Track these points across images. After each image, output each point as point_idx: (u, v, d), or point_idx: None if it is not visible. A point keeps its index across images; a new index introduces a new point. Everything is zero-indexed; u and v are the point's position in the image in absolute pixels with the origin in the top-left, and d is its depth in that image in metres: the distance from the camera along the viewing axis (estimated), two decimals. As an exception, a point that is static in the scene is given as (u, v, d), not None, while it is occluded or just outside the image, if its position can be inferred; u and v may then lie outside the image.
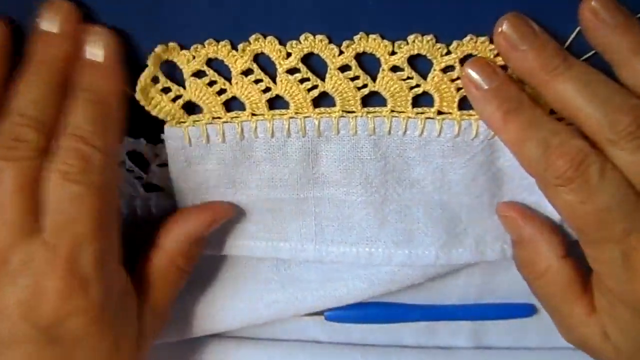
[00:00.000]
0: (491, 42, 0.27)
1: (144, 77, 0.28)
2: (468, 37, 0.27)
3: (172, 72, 0.29)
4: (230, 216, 0.32)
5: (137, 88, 0.28)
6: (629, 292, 0.25)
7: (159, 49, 0.28)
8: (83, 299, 0.25)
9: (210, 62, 0.28)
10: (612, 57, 0.25)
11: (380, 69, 0.28)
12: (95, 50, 0.27)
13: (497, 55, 0.27)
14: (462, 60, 0.27)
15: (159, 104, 0.29)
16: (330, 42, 0.27)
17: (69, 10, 0.27)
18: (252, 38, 0.27)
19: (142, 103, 0.29)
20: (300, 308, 0.35)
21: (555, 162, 0.25)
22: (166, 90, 0.29)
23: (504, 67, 0.27)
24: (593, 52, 0.27)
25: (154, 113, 0.29)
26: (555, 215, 0.30)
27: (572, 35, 0.27)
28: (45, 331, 0.25)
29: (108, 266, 0.27)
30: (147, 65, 0.28)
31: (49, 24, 0.26)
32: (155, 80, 0.29)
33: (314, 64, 0.28)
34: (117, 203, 0.27)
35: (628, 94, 0.25)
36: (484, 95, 0.26)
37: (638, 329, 0.26)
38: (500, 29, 0.26)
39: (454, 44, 0.27)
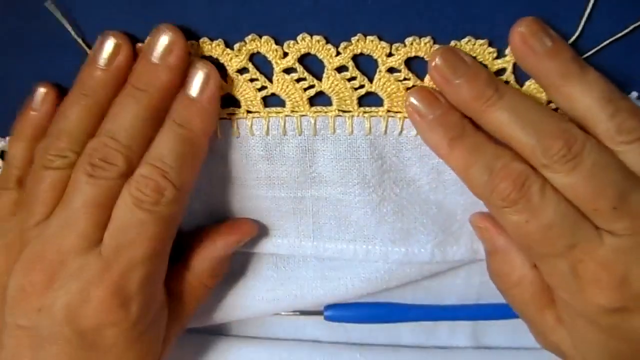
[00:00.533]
0: (490, 45, 0.27)
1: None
2: (466, 39, 0.27)
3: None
4: (254, 234, 0.33)
5: None
6: (581, 301, 0.26)
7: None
8: (122, 314, 0.27)
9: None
10: (543, 82, 0.27)
11: (377, 70, 0.28)
12: (197, 90, 0.28)
13: (497, 57, 0.27)
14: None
15: None
16: (327, 42, 0.27)
17: (181, 42, 0.27)
18: (248, 38, 0.27)
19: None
20: (299, 304, 0.35)
21: (499, 185, 0.26)
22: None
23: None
24: (601, 46, 0.27)
25: None
26: None
27: (576, 34, 0.27)
28: (82, 335, 0.26)
29: (152, 288, 0.28)
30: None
31: (158, 55, 0.27)
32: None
33: (311, 64, 0.28)
34: (175, 231, 0.28)
35: (559, 118, 0.26)
36: (428, 124, 0.27)
37: (598, 340, 0.27)
38: (433, 63, 0.27)
39: (452, 43, 0.27)
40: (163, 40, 0.27)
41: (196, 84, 0.28)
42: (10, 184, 0.30)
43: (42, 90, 0.30)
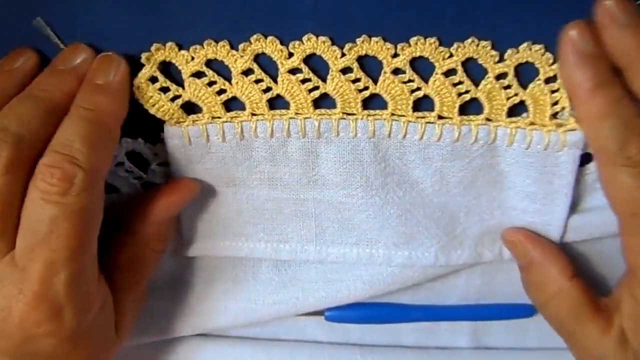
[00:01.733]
0: (493, 47, 0.28)
1: (141, 76, 0.29)
2: (470, 40, 0.27)
3: (171, 71, 0.29)
4: (196, 194, 0.32)
5: (133, 86, 0.29)
6: None
7: (154, 48, 0.28)
8: (55, 324, 0.25)
9: (209, 63, 0.29)
10: (623, 59, 0.26)
11: (382, 72, 0.28)
12: (106, 76, 0.27)
13: (498, 62, 0.28)
14: (464, 64, 0.28)
15: (157, 103, 0.30)
16: (332, 43, 0.28)
17: (88, 56, 0.28)
18: (253, 38, 0.28)
19: (140, 102, 0.29)
20: (300, 308, 0.35)
21: (630, 143, 0.26)
22: (165, 89, 0.29)
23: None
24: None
25: (152, 112, 0.30)
26: (557, 223, 0.31)
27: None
28: (17, 349, 0.25)
29: (84, 287, 0.26)
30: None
31: (65, 63, 0.28)
32: (153, 79, 0.29)
33: (315, 65, 0.29)
34: (97, 223, 0.26)
35: None
36: (581, 59, 0.26)
37: None
38: (604, 2, 0.25)
39: (455, 45, 0.28)
40: (70, 52, 0.28)
41: (106, 71, 0.27)
42: None
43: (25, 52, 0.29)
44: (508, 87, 0.28)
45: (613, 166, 0.27)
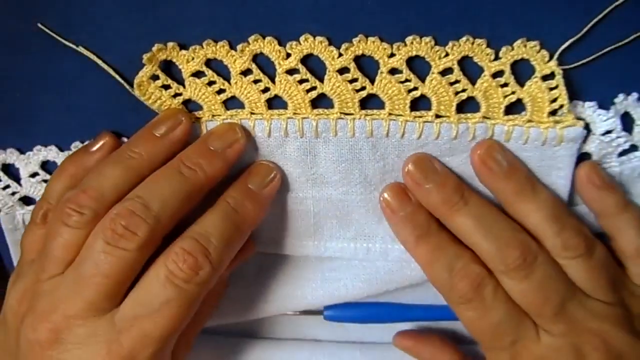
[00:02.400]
0: (488, 45, 0.28)
1: (142, 75, 0.29)
2: (464, 38, 0.28)
3: (172, 69, 0.30)
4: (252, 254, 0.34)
5: (135, 84, 0.29)
6: None
7: (155, 48, 0.29)
8: None
9: (209, 62, 0.29)
10: (500, 198, 0.30)
11: (379, 72, 0.29)
12: (260, 185, 0.30)
13: (494, 60, 0.28)
14: (460, 63, 0.28)
15: (159, 99, 0.30)
16: (330, 43, 0.28)
17: (243, 140, 0.30)
18: (251, 38, 0.28)
19: (142, 99, 0.30)
20: (299, 305, 0.36)
21: (457, 284, 0.29)
22: (166, 87, 0.30)
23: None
24: (602, 52, 0.28)
25: (154, 107, 0.30)
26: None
27: (577, 36, 0.28)
28: None
29: None
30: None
31: (219, 144, 0.29)
32: (155, 77, 0.30)
33: (313, 65, 0.29)
34: (193, 313, 0.28)
35: (517, 229, 0.30)
36: (399, 219, 0.31)
37: None
38: (407, 169, 0.30)
39: (450, 44, 0.28)
40: (226, 131, 0.29)
41: (261, 180, 0.30)
42: (38, 218, 0.30)
43: (104, 137, 0.30)
44: (505, 85, 0.29)
45: (454, 304, 0.30)
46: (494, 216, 0.30)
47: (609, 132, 0.30)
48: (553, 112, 0.29)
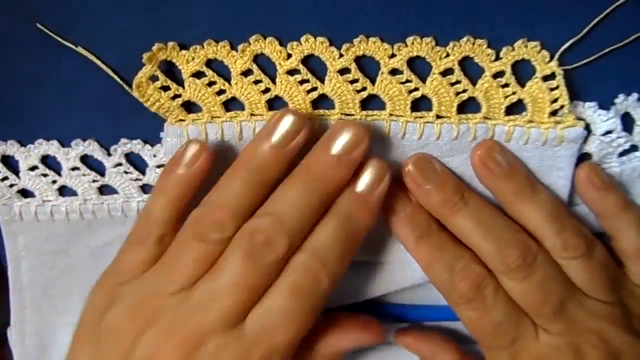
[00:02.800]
0: (489, 46, 0.28)
1: (141, 75, 0.29)
2: (465, 39, 0.28)
3: (172, 70, 0.30)
4: (383, 342, 0.34)
5: (133, 85, 0.29)
6: None
7: (156, 48, 0.29)
8: None
9: (209, 63, 0.29)
10: (500, 198, 0.31)
11: (380, 72, 0.29)
12: (371, 186, 0.29)
13: (494, 60, 0.28)
14: (461, 63, 0.29)
15: (157, 101, 0.30)
16: (330, 44, 0.29)
17: (365, 142, 0.28)
18: (252, 39, 0.29)
19: (141, 100, 0.30)
20: None
21: (458, 284, 0.30)
22: (165, 88, 0.30)
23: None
24: (601, 53, 0.28)
25: (153, 109, 0.30)
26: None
27: (578, 36, 0.28)
28: None
29: None
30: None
31: (342, 149, 0.28)
32: (154, 78, 0.30)
33: (314, 65, 0.29)
34: (313, 323, 0.28)
35: (517, 229, 0.30)
36: (399, 220, 0.31)
37: None
38: (406, 169, 0.30)
39: (451, 44, 0.28)
40: (347, 136, 0.28)
41: (370, 182, 0.29)
42: (148, 241, 0.29)
43: (193, 148, 0.29)
44: (506, 85, 0.29)
45: (454, 304, 0.31)
46: (493, 217, 0.30)
47: (609, 132, 0.30)
48: (554, 113, 0.29)
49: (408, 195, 0.31)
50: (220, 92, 0.30)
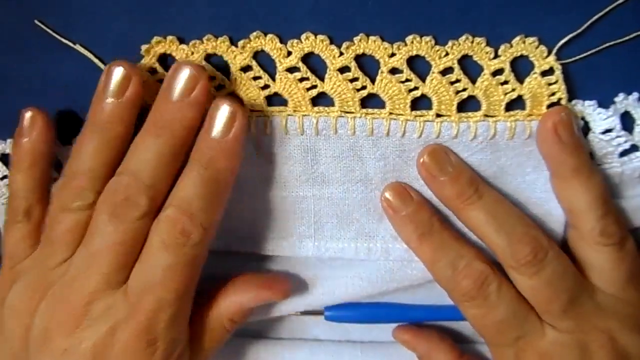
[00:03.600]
0: (488, 44, 0.28)
1: (139, 66, 0.29)
2: (464, 37, 0.28)
3: (170, 66, 0.30)
4: (287, 297, 0.34)
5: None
6: None
7: (154, 40, 0.29)
8: (147, 356, 0.27)
9: (208, 58, 0.30)
10: (557, 169, 0.30)
11: (380, 71, 0.29)
12: (224, 128, 0.28)
13: (494, 58, 0.29)
14: (460, 61, 0.29)
15: (155, 94, 0.30)
16: (331, 42, 0.29)
17: (203, 80, 0.28)
18: (252, 35, 0.29)
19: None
20: (299, 305, 0.36)
21: (461, 282, 0.30)
22: (162, 82, 0.29)
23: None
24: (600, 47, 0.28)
25: (150, 103, 0.30)
26: (558, 212, 0.32)
27: (577, 31, 0.28)
28: None
29: (177, 328, 0.29)
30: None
31: (180, 92, 0.28)
32: (153, 71, 0.30)
33: (314, 63, 0.29)
34: (199, 272, 0.29)
35: (529, 224, 0.30)
36: (401, 219, 0.32)
37: None
38: (422, 160, 0.30)
39: (450, 43, 0.28)
40: (183, 76, 0.27)
41: (220, 123, 0.28)
42: (19, 216, 0.30)
43: (28, 115, 0.30)
44: (505, 82, 0.29)
45: (458, 302, 0.31)
46: (506, 211, 0.30)
47: (608, 130, 0.30)
48: (551, 105, 0.29)
49: (409, 193, 0.31)
50: (219, 87, 0.30)
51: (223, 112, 0.28)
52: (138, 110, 0.29)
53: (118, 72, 0.28)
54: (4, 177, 0.34)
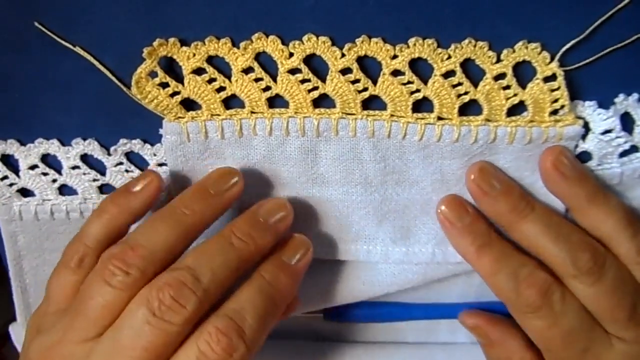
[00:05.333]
0: (490, 48, 0.29)
1: (140, 70, 0.30)
2: (467, 41, 0.29)
3: (171, 68, 0.30)
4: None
5: (133, 80, 0.30)
6: None
7: (156, 43, 0.29)
8: None
9: (210, 60, 0.30)
10: (572, 203, 0.30)
11: (382, 73, 0.29)
12: (294, 258, 0.30)
13: (496, 62, 0.29)
14: (463, 65, 0.29)
15: (155, 98, 0.30)
16: (332, 44, 0.29)
17: (291, 215, 0.30)
18: (254, 37, 0.29)
19: (138, 97, 0.30)
20: (299, 307, 0.36)
21: (524, 292, 0.29)
22: (164, 85, 0.30)
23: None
24: (603, 53, 0.29)
25: (150, 107, 0.31)
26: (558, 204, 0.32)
27: (579, 37, 0.28)
28: None
29: None
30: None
31: (268, 215, 0.30)
32: (153, 75, 0.30)
33: (315, 65, 0.30)
34: None
35: (583, 232, 0.30)
36: (458, 231, 0.31)
37: None
38: (472, 177, 0.31)
39: (452, 46, 0.29)
40: (277, 206, 0.30)
41: (296, 253, 0.30)
42: (72, 262, 0.29)
43: (148, 177, 0.30)
44: (507, 87, 0.29)
45: (519, 314, 0.30)
46: (559, 221, 0.30)
47: (608, 131, 0.31)
48: (554, 112, 0.30)
49: (465, 205, 0.32)
50: (221, 89, 0.30)
51: (301, 244, 0.30)
52: (223, 212, 0.29)
53: (228, 173, 0.30)
54: (4, 177, 0.34)
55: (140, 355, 0.25)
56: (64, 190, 0.34)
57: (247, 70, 0.30)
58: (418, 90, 0.29)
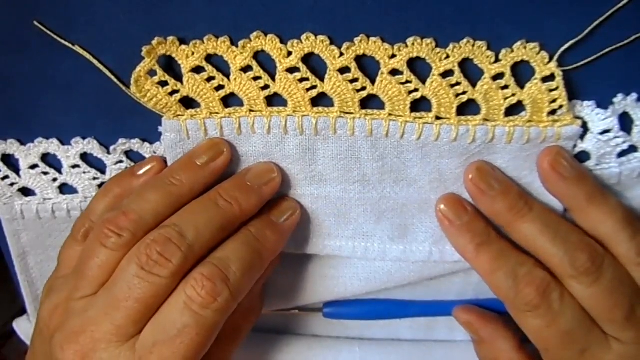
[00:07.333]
0: (488, 48, 0.29)
1: (139, 69, 0.30)
2: (465, 40, 0.29)
3: (170, 66, 0.31)
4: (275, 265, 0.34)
5: (132, 79, 0.30)
6: None
7: (155, 42, 0.29)
8: None
9: (209, 58, 0.30)
10: (570, 203, 0.31)
11: (380, 72, 0.29)
12: (281, 218, 0.32)
13: (495, 62, 0.29)
14: (461, 65, 0.29)
15: (155, 97, 0.31)
16: (331, 43, 0.29)
17: (279, 179, 0.31)
18: (253, 35, 0.29)
19: (137, 95, 0.30)
20: (297, 302, 0.37)
21: (523, 290, 0.29)
22: (163, 83, 0.30)
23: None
24: (603, 52, 0.29)
25: (149, 106, 0.31)
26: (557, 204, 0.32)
27: (578, 37, 0.29)
28: None
29: None
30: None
31: (257, 180, 0.31)
32: (152, 73, 0.30)
33: (314, 64, 0.30)
34: (212, 341, 0.28)
35: (582, 233, 0.30)
36: (457, 229, 0.32)
37: None
38: (470, 176, 0.31)
39: (451, 46, 0.29)
40: (264, 170, 0.31)
41: (284, 214, 0.32)
42: (79, 235, 0.32)
43: (152, 162, 0.32)
44: (505, 87, 0.30)
45: (517, 313, 0.30)
46: (558, 221, 0.30)
47: (607, 131, 0.31)
48: (552, 112, 0.30)
49: (464, 204, 0.32)
50: (219, 87, 0.30)
51: (288, 206, 0.32)
52: (212, 182, 0.30)
53: (214, 146, 0.31)
54: (5, 177, 0.34)
55: (132, 306, 0.27)
56: (65, 189, 0.35)
57: (246, 69, 0.30)
58: (416, 90, 0.30)
